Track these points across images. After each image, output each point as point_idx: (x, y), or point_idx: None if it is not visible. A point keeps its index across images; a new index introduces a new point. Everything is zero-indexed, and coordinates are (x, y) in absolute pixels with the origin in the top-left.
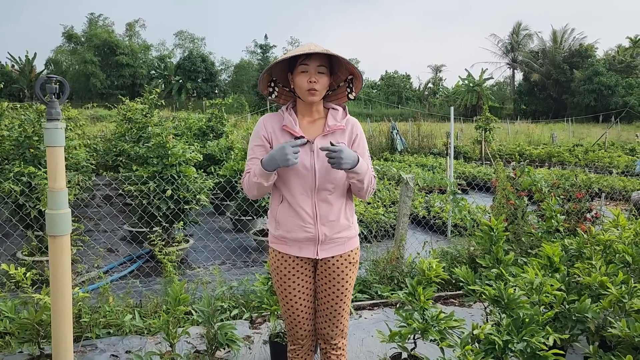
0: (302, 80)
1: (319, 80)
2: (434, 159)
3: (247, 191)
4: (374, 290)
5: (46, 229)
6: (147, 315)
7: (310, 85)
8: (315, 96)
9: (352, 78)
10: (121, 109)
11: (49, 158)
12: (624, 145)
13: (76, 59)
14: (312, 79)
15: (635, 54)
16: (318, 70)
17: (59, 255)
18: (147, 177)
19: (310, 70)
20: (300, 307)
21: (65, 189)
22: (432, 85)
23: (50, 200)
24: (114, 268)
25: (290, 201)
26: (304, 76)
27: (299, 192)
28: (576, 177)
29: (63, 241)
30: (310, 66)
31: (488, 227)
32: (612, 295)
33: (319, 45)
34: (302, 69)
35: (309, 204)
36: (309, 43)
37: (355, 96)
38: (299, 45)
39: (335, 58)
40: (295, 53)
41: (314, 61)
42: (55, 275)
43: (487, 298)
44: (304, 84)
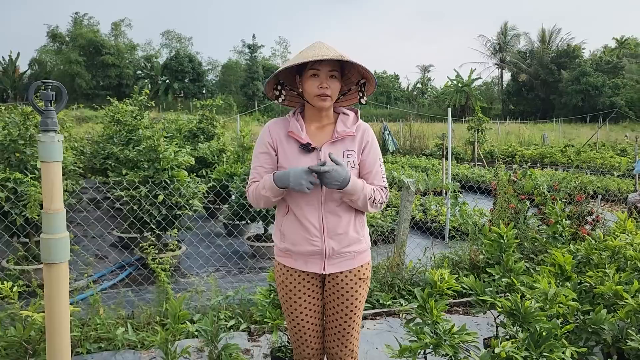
0: (312, 85)
1: (331, 86)
2: (427, 160)
3: (253, 202)
4: (375, 299)
5: (41, 255)
6: (140, 328)
7: (322, 90)
8: (326, 102)
9: (364, 82)
10: (109, 110)
11: (44, 175)
12: (614, 145)
13: (61, 59)
14: (324, 84)
15: (621, 55)
16: (330, 75)
17: (56, 286)
18: (139, 182)
19: (321, 75)
20: (307, 325)
21: (62, 210)
22: (421, 86)
23: (45, 224)
24: (104, 276)
25: (296, 212)
26: (315, 81)
27: (306, 203)
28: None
29: (60, 270)
30: (321, 70)
31: (497, 234)
32: (629, 305)
33: (331, 47)
34: (312, 73)
35: (315, 216)
36: (319, 44)
37: (366, 100)
38: (305, 48)
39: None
40: (308, 59)
41: (325, 65)
42: (52, 309)
43: (503, 311)
44: (315, 90)
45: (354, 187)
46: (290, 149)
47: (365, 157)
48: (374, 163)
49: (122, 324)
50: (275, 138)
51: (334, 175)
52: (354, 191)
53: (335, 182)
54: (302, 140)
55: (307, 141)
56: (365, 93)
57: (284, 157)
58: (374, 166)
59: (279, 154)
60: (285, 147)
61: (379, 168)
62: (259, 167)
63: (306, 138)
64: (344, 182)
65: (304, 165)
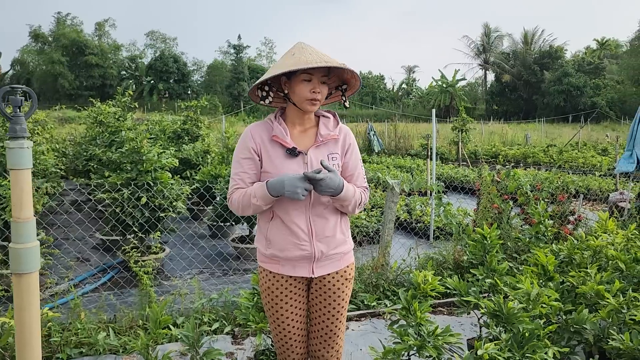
0: (304, 89)
1: (322, 91)
2: (412, 160)
3: (237, 209)
4: (360, 300)
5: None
6: (122, 332)
7: (314, 95)
8: (315, 106)
9: (345, 87)
10: (92, 112)
11: (13, 183)
12: (596, 145)
13: (43, 59)
14: (317, 89)
15: (602, 56)
16: (321, 81)
17: (26, 296)
18: (121, 184)
19: (314, 79)
20: (293, 330)
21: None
22: (406, 86)
23: (14, 233)
24: (85, 280)
25: (283, 218)
26: (307, 85)
27: (293, 208)
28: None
29: (30, 280)
30: (314, 76)
31: (481, 235)
32: (610, 305)
33: (326, 54)
34: (305, 78)
35: (303, 220)
36: (309, 47)
37: (348, 105)
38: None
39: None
40: (309, 65)
41: (319, 71)
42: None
43: (486, 312)
44: (307, 94)
45: (346, 192)
46: (275, 153)
47: (348, 159)
48: (356, 165)
49: (103, 329)
50: (259, 143)
51: (328, 183)
52: (346, 197)
53: (329, 190)
54: (288, 144)
55: (293, 145)
56: (346, 98)
57: (269, 162)
58: (357, 169)
59: (262, 159)
60: (270, 152)
61: (360, 170)
62: (242, 173)
63: (291, 142)
64: (338, 188)
65: (291, 169)
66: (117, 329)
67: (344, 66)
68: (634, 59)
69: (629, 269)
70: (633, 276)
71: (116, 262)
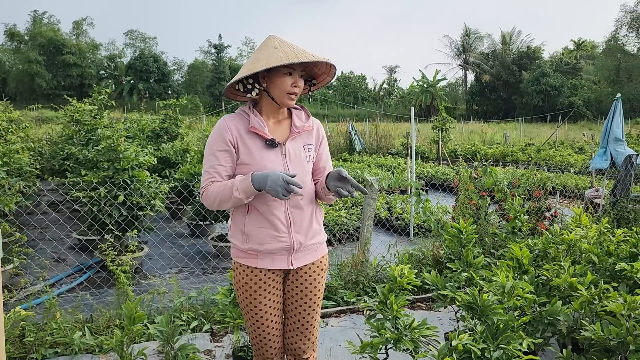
0: (285, 82)
1: (300, 85)
2: (393, 159)
3: (214, 203)
4: (340, 296)
5: None
6: (99, 331)
7: (294, 89)
8: (293, 100)
9: (314, 82)
10: (68, 110)
11: None
12: (572, 144)
13: (19, 58)
14: (298, 83)
15: (578, 57)
16: (300, 75)
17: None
18: (97, 182)
19: (295, 74)
20: (270, 324)
21: None
22: (387, 86)
23: None
24: (62, 280)
25: (261, 210)
26: (289, 79)
27: (272, 199)
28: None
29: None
30: (296, 70)
31: (457, 229)
32: (582, 297)
33: (306, 50)
34: (287, 71)
35: (282, 212)
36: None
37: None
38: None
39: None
40: (300, 59)
41: (299, 65)
42: None
43: (461, 305)
44: (288, 87)
45: None
46: (253, 145)
47: (322, 151)
48: (327, 157)
49: (80, 328)
50: (236, 135)
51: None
52: None
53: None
54: (267, 136)
55: (272, 137)
56: (312, 92)
57: (247, 154)
58: (328, 160)
59: (239, 150)
60: (247, 144)
61: (330, 160)
62: (218, 165)
63: (269, 134)
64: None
65: (270, 160)
66: (94, 329)
67: (328, 61)
68: (609, 60)
69: (601, 261)
70: (605, 269)
71: (93, 261)
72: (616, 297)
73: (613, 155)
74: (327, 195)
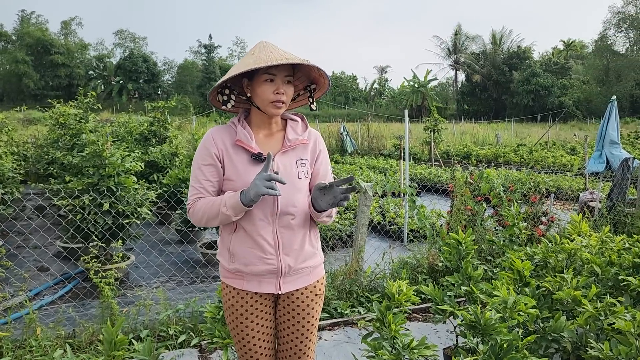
0: (267, 90)
1: (286, 92)
2: (385, 161)
3: (201, 220)
4: (333, 307)
5: None
6: (81, 348)
7: (277, 97)
8: (280, 109)
9: (314, 87)
10: (53, 113)
11: None
12: (564, 144)
13: (7, 58)
14: (281, 90)
15: (568, 56)
16: (286, 80)
17: None
18: (81, 190)
19: (277, 80)
20: (259, 350)
21: None
22: (378, 86)
23: None
24: (42, 292)
25: (248, 229)
26: (270, 86)
27: (259, 219)
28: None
29: None
30: (277, 76)
31: (456, 240)
32: (588, 312)
33: (288, 51)
34: (267, 78)
35: (269, 232)
36: (270, 45)
37: (317, 107)
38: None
39: (300, 66)
40: (271, 62)
41: (282, 70)
42: None
43: (463, 324)
44: (270, 96)
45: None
46: (239, 159)
47: (319, 166)
48: (326, 172)
49: (61, 345)
50: (222, 148)
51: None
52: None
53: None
54: (253, 149)
55: (258, 151)
56: (313, 98)
57: (232, 168)
58: (327, 175)
59: (225, 165)
60: (232, 158)
61: (331, 177)
62: (204, 181)
63: (257, 147)
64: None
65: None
66: (76, 345)
67: (306, 62)
68: (598, 60)
69: (604, 272)
70: (608, 279)
71: (76, 272)
72: (623, 312)
73: (609, 159)
74: (320, 219)
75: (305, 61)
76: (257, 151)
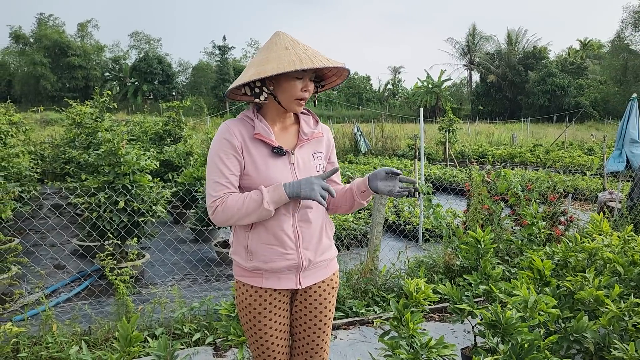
0: (295, 87)
1: (310, 89)
2: (399, 161)
3: (231, 218)
4: (348, 306)
5: None
6: (97, 345)
7: (304, 94)
8: (302, 106)
9: (324, 84)
10: (70, 113)
11: None
12: (581, 145)
13: (25, 60)
14: (308, 87)
15: (585, 56)
16: (310, 78)
17: None
18: (97, 188)
19: (305, 77)
20: (276, 348)
21: None
22: (392, 87)
23: None
24: (59, 289)
25: (269, 225)
26: (299, 83)
27: (280, 213)
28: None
29: None
30: (307, 73)
31: (474, 239)
32: (611, 312)
33: (317, 51)
34: (297, 75)
35: (290, 226)
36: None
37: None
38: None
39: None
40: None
41: (311, 69)
42: None
43: (483, 323)
44: (297, 92)
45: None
46: (258, 153)
47: (331, 158)
48: (334, 164)
49: (77, 342)
50: (241, 141)
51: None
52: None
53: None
54: (274, 142)
55: (279, 145)
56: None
57: (251, 163)
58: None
59: (245, 159)
60: (252, 152)
61: (338, 169)
62: (230, 175)
63: (277, 141)
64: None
65: (277, 169)
66: (92, 342)
67: (344, 65)
68: (615, 59)
69: (627, 272)
70: (630, 279)
71: (91, 270)
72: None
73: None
74: (362, 200)
75: (343, 65)
76: (277, 145)
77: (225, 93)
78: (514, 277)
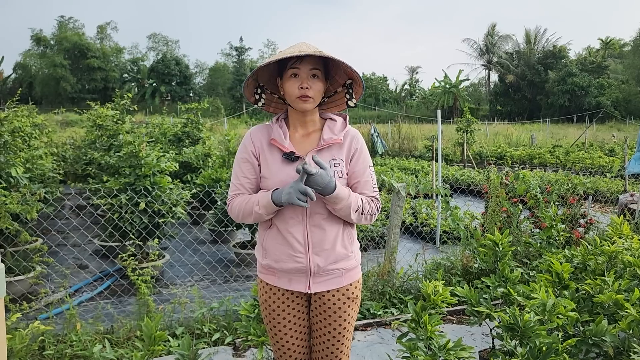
0: (292, 85)
1: (312, 86)
2: (416, 162)
3: (238, 216)
4: (366, 308)
5: None
6: (119, 343)
7: (302, 91)
8: (307, 103)
9: (351, 82)
10: (91, 115)
11: None
12: (602, 145)
13: (45, 62)
14: (304, 84)
15: (606, 55)
16: (311, 74)
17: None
18: (118, 189)
19: (301, 74)
20: (292, 347)
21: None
22: (409, 87)
23: None
24: (82, 288)
25: (280, 227)
26: (295, 81)
27: (290, 217)
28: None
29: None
30: (301, 69)
31: (492, 242)
32: (631, 316)
33: (311, 45)
34: (292, 73)
35: (299, 230)
36: (300, 43)
37: (356, 103)
38: (286, 48)
39: (332, 60)
40: (283, 56)
41: (306, 64)
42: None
43: (502, 326)
44: (295, 90)
45: (338, 194)
46: (272, 158)
47: (354, 165)
48: (363, 172)
49: (100, 340)
50: (258, 146)
51: (316, 180)
52: (337, 199)
53: (317, 187)
54: (285, 148)
55: (291, 149)
56: (353, 95)
57: (266, 166)
58: (363, 175)
59: (261, 163)
60: (267, 156)
61: (368, 177)
62: (243, 177)
63: (290, 146)
64: (327, 187)
65: (288, 175)
66: (114, 340)
67: (320, 54)
68: (637, 59)
69: None
70: None
71: (113, 270)
72: None
73: None
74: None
75: (318, 52)
76: (289, 150)
77: (245, 96)
78: (533, 280)
